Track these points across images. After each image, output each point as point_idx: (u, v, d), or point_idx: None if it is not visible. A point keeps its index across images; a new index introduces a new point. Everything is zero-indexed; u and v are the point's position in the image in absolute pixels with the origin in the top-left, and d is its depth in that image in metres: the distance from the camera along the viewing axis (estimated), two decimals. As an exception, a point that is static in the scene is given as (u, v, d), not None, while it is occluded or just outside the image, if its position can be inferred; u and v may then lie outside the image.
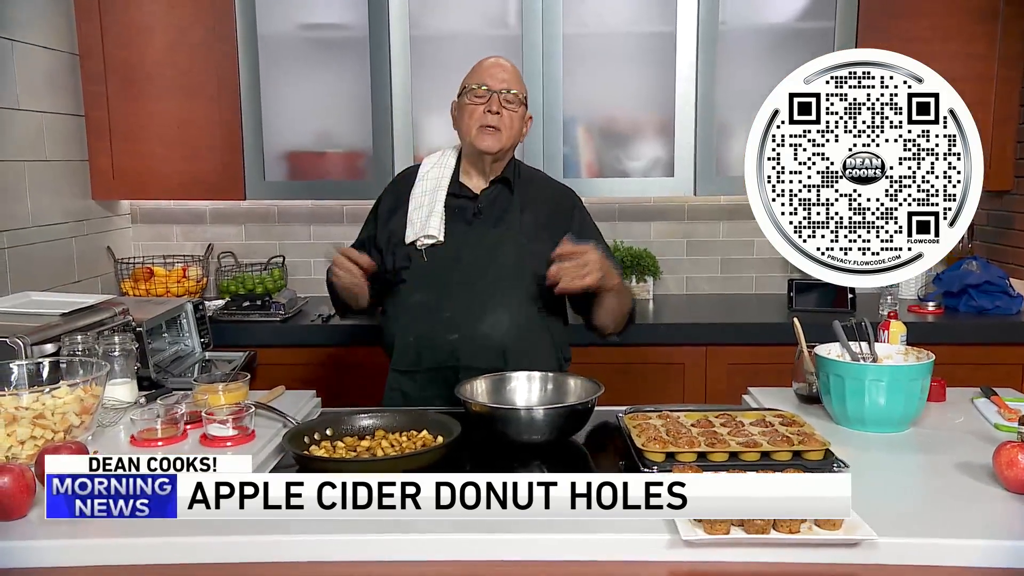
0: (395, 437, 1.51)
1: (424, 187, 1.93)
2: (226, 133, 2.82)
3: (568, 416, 1.54)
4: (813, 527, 1.11)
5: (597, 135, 2.86)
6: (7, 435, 1.30)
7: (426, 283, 1.87)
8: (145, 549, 1.11)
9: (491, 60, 1.91)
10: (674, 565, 1.11)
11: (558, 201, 1.97)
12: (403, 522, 1.16)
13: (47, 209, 2.63)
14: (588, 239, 1.82)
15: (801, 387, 1.70)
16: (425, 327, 1.86)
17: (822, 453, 1.34)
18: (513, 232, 1.88)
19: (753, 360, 2.60)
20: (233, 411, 1.49)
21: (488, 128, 1.84)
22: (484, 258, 1.86)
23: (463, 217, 1.90)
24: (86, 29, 2.77)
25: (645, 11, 2.80)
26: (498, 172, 1.92)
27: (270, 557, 1.12)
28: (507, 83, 1.86)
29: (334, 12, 2.82)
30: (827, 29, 2.71)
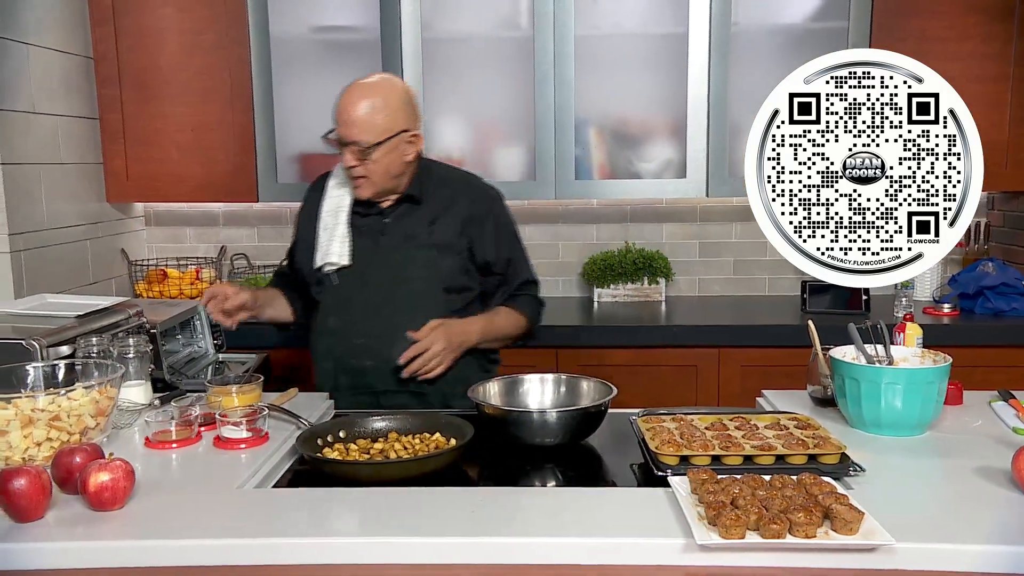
0: (408, 440, 1.51)
1: (329, 206, 1.88)
2: (239, 136, 2.83)
3: (581, 419, 1.53)
4: (830, 532, 1.10)
5: (609, 137, 2.86)
6: (24, 437, 1.31)
7: (338, 307, 1.86)
8: (161, 551, 1.11)
9: (343, 102, 1.77)
10: (689, 569, 1.10)
11: (471, 207, 1.90)
12: (416, 525, 1.16)
13: (62, 212, 2.65)
14: (503, 244, 1.91)
15: (816, 390, 1.69)
16: (340, 352, 1.86)
17: (838, 457, 1.33)
18: (423, 249, 1.84)
19: (766, 362, 2.58)
20: (247, 413, 1.50)
21: (354, 180, 1.80)
22: (393, 279, 1.83)
23: (371, 236, 1.86)
24: (100, 33, 2.79)
25: (657, 12, 2.79)
26: (400, 190, 1.86)
27: (277, 560, 1.12)
28: (356, 133, 1.74)
29: (346, 15, 2.83)
30: (840, 29, 2.70)
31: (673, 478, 1.27)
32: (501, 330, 1.91)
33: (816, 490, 1.18)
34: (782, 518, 1.09)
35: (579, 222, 3.19)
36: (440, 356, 1.78)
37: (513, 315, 1.93)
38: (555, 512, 1.21)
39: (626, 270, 3.03)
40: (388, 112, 1.76)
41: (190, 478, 1.36)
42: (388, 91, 1.79)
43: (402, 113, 1.79)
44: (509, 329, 1.93)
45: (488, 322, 1.88)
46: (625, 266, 3.03)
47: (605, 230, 3.18)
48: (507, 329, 1.93)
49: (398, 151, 1.79)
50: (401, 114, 1.79)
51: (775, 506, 1.13)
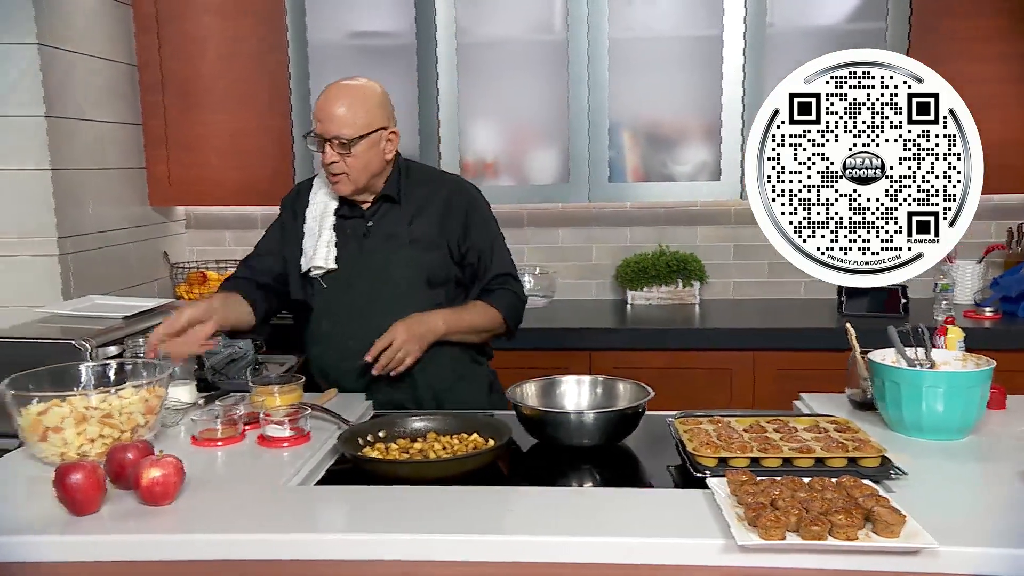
0: (447, 440, 1.53)
1: (314, 212, 1.91)
2: (276, 141, 2.88)
3: (618, 420, 1.54)
4: (871, 534, 1.10)
5: (643, 139, 2.86)
6: (78, 434, 1.35)
7: (328, 311, 1.89)
8: (211, 545, 1.14)
9: (322, 100, 1.80)
10: (728, 570, 1.10)
11: (448, 201, 1.91)
12: (456, 523, 1.18)
13: (107, 216, 2.72)
14: (477, 234, 1.90)
15: (855, 393, 1.68)
16: (334, 356, 1.88)
17: (878, 460, 1.33)
18: (403, 247, 1.87)
19: (802, 366, 2.56)
20: (290, 412, 1.53)
21: (333, 176, 1.82)
22: (377, 280, 1.86)
23: (355, 239, 1.88)
24: (144, 41, 2.86)
25: (691, 15, 2.79)
26: (378, 190, 1.88)
27: (323, 555, 1.14)
28: (337, 128, 1.77)
29: (382, 20, 2.87)
30: (878, 30, 2.67)
31: (711, 479, 1.27)
32: (470, 322, 1.89)
33: (857, 492, 1.17)
34: (823, 520, 1.09)
35: (612, 225, 3.19)
36: (404, 347, 1.77)
37: (485, 308, 1.91)
38: (593, 511, 1.22)
39: (660, 273, 3.02)
40: (368, 109, 1.80)
41: (236, 475, 1.40)
42: (367, 90, 1.84)
43: (381, 111, 1.84)
44: (480, 322, 1.90)
45: (454, 314, 1.87)
46: (659, 269, 3.02)
47: (639, 232, 3.18)
48: (477, 321, 1.90)
49: (378, 148, 1.83)
50: (380, 111, 1.83)
51: (815, 508, 1.13)
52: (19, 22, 2.35)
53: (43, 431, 1.36)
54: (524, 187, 2.88)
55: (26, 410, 1.37)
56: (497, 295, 1.93)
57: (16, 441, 1.69)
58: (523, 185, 2.89)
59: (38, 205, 2.41)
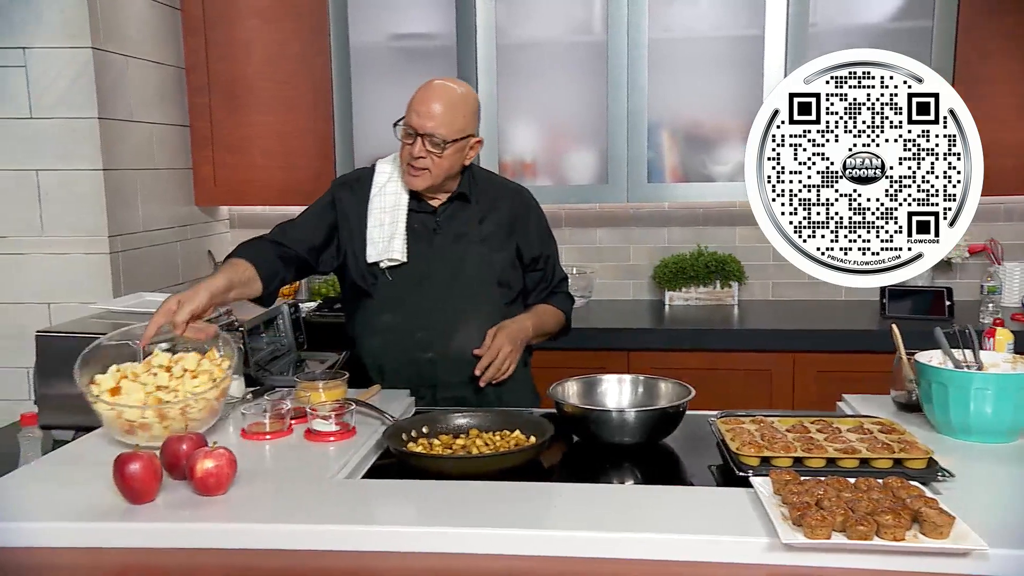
0: (488, 436, 1.55)
1: (383, 203, 1.91)
2: (319, 142, 2.93)
3: (660, 419, 1.55)
4: (919, 535, 1.09)
5: (682, 140, 2.85)
6: (164, 429, 1.42)
7: (393, 303, 1.90)
8: (263, 535, 1.17)
9: (423, 94, 1.82)
10: (772, 568, 1.10)
11: (515, 206, 1.98)
12: (501, 517, 1.19)
13: (155, 215, 2.79)
14: (543, 241, 2.00)
15: (900, 395, 1.66)
16: (399, 348, 1.91)
17: (925, 462, 1.31)
18: (474, 245, 1.91)
19: (843, 368, 2.54)
20: (335, 408, 1.56)
21: (414, 170, 1.84)
22: (448, 275, 1.89)
23: (424, 234, 1.91)
24: (192, 44, 2.93)
25: (732, 15, 2.78)
26: (451, 190, 1.92)
27: (372, 546, 1.17)
28: (433, 126, 1.78)
29: (423, 22, 2.91)
30: (924, 28, 2.64)
31: (755, 478, 1.27)
32: (546, 325, 2.01)
33: (904, 493, 1.16)
34: (869, 520, 1.09)
35: (650, 225, 3.19)
36: (510, 357, 1.87)
37: (555, 311, 2.03)
38: (637, 508, 1.23)
39: (698, 273, 3.02)
40: (465, 114, 1.84)
41: (284, 468, 1.43)
42: (468, 96, 1.87)
43: (474, 119, 1.88)
44: (552, 325, 2.02)
45: (537, 318, 1.97)
46: (697, 269, 3.02)
47: (676, 233, 3.17)
48: (551, 325, 2.02)
49: (462, 153, 1.86)
50: (473, 119, 1.87)
51: (862, 508, 1.12)
52: (75, 27, 2.42)
53: (129, 426, 1.43)
54: (562, 187, 2.90)
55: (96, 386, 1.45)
56: (559, 299, 2.05)
57: (72, 432, 1.75)
58: (561, 185, 2.90)
59: (91, 205, 2.49)
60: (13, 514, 1.23)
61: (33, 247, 2.51)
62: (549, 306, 2.02)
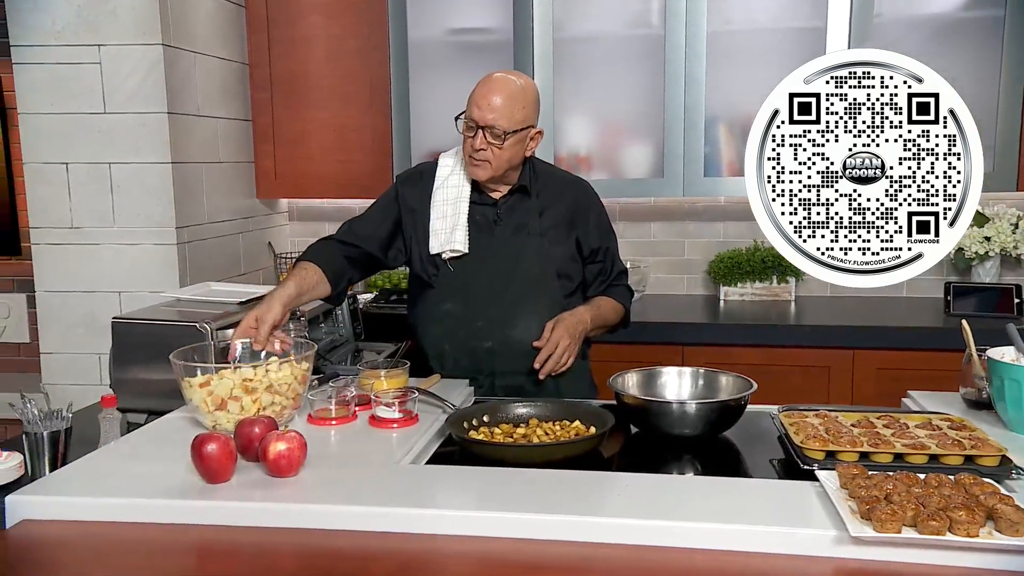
0: (548, 426, 1.57)
1: (445, 195, 1.94)
2: (377, 136, 2.98)
3: (721, 411, 1.54)
4: (993, 532, 1.07)
5: (739, 134, 2.82)
6: (252, 402, 1.48)
7: (454, 292, 1.93)
8: (333, 516, 1.20)
9: (484, 88, 1.84)
10: (840, 562, 1.09)
11: (575, 199, 1.99)
12: (565, 504, 1.21)
13: (219, 207, 2.87)
14: (603, 234, 2.00)
15: (969, 392, 1.62)
16: (459, 336, 1.93)
17: (997, 459, 1.29)
18: (534, 237, 1.93)
19: (905, 365, 2.49)
20: (399, 395, 1.59)
21: (475, 160, 1.85)
22: (509, 266, 1.92)
23: (485, 225, 1.94)
24: (255, 41, 3.00)
25: (794, 6, 2.74)
26: (512, 182, 1.94)
27: (439, 529, 1.19)
28: (494, 118, 1.80)
29: (480, 17, 2.93)
30: (996, 18, 2.56)
31: (821, 472, 1.26)
32: (605, 318, 2.00)
33: (977, 490, 1.14)
34: (941, 515, 1.07)
35: (706, 220, 3.16)
36: (568, 350, 1.88)
37: (615, 304, 2.03)
38: (702, 498, 1.23)
39: (754, 268, 2.98)
40: (525, 105, 1.86)
41: (351, 452, 1.46)
42: (527, 87, 1.89)
43: (534, 110, 1.90)
44: (611, 317, 2.02)
45: (596, 310, 1.97)
46: (753, 264, 2.98)
47: (732, 228, 3.14)
48: (610, 317, 2.02)
49: (522, 144, 1.88)
50: (533, 110, 1.89)
51: (933, 503, 1.11)
52: (146, 25, 2.50)
53: (221, 401, 1.48)
54: (617, 181, 2.89)
55: (190, 380, 1.50)
56: (619, 292, 2.05)
57: (144, 415, 1.82)
58: (617, 179, 2.89)
59: (160, 197, 2.57)
60: (98, 490, 1.28)
61: (105, 238, 2.60)
62: (608, 299, 2.02)
